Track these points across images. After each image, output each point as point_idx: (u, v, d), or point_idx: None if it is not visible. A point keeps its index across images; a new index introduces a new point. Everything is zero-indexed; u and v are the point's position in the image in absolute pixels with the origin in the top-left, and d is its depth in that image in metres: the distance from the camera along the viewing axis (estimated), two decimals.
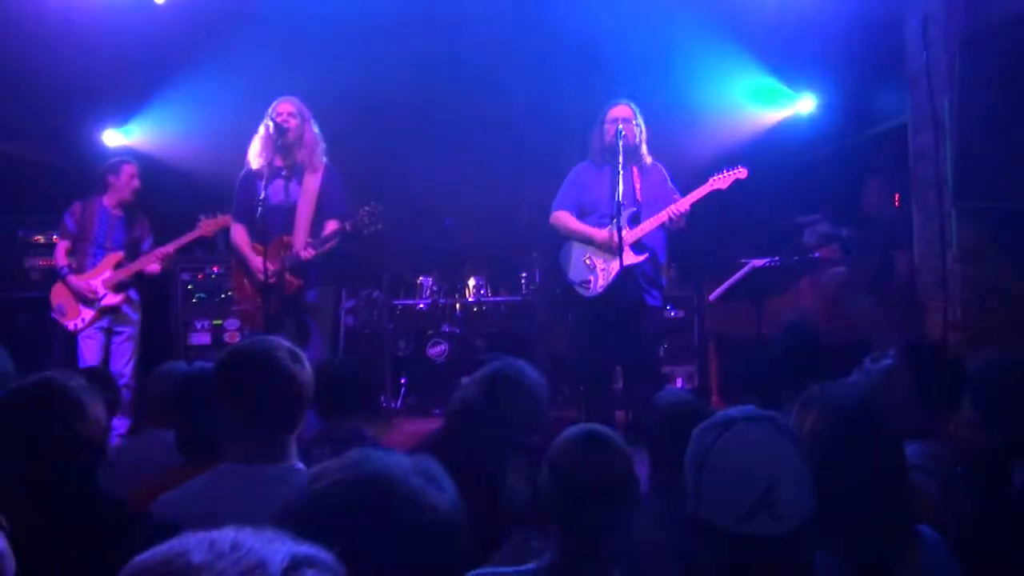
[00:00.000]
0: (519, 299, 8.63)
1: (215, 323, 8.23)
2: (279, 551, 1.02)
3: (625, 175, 5.82)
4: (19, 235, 8.02)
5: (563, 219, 6.15)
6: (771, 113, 8.31)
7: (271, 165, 5.98)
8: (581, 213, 6.12)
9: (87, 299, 6.82)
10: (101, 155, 7.77)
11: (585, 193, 6.13)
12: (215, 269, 8.29)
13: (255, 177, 6.04)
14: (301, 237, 5.96)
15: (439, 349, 8.24)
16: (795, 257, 6.31)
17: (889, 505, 2.20)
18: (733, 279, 5.96)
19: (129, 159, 7.17)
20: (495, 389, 3.12)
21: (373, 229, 5.84)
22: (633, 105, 6.10)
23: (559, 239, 6.28)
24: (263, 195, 5.85)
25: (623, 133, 5.86)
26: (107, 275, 6.87)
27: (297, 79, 7.09)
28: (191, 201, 7.36)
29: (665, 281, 6.43)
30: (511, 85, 8.06)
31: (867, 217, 7.17)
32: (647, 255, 5.93)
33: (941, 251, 5.86)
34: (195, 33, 7.58)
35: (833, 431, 2.23)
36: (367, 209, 5.84)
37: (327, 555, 1.07)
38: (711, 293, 6.42)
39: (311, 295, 6.10)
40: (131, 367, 6.95)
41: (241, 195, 6.17)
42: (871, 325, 6.52)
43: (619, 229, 5.66)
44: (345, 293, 8.67)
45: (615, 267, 5.78)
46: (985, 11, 5.59)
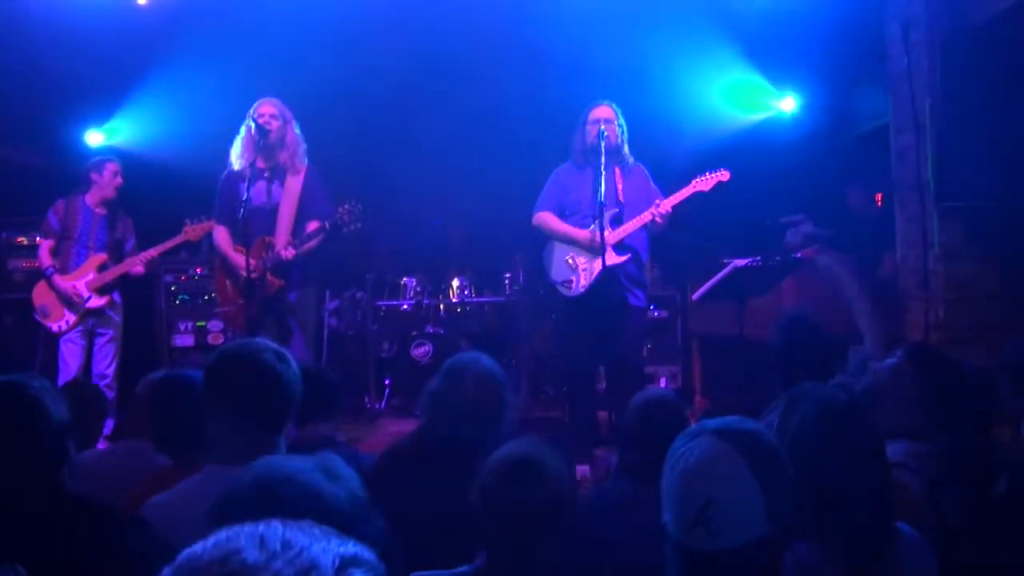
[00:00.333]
0: (503, 299, 8.62)
1: (198, 324, 8.20)
2: (328, 551, 1.03)
3: (607, 176, 5.83)
4: (1, 236, 7.98)
5: (546, 220, 6.15)
6: (754, 113, 8.34)
7: (253, 166, 5.95)
8: (563, 214, 6.12)
9: (72, 301, 6.79)
10: (83, 155, 7.73)
11: (567, 194, 6.14)
12: (198, 271, 8.26)
13: (237, 179, 6.02)
14: (283, 238, 5.94)
15: (423, 350, 8.23)
16: (777, 257, 6.32)
17: (871, 503, 2.21)
18: (715, 279, 5.96)
19: (112, 157, 7.15)
20: (451, 377, 3.24)
21: (353, 228, 5.83)
22: (615, 106, 6.10)
23: (542, 239, 6.28)
24: (245, 197, 5.83)
25: (605, 134, 5.87)
26: (91, 277, 6.84)
27: (280, 80, 7.07)
28: (174, 201, 7.36)
29: (648, 281, 6.45)
30: (495, 86, 8.06)
31: (851, 217, 7.20)
32: (629, 255, 5.94)
33: (923, 252, 5.89)
34: (178, 34, 7.56)
35: (817, 430, 2.24)
36: (347, 208, 5.82)
37: (370, 553, 1.08)
38: (694, 293, 6.43)
39: (292, 296, 6.09)
40: (113, 368, 6.95)
41: (223, 197, 6.16)
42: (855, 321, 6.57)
43: (601, 230, 5.67)
44: (328, 294, 8.65)
45: (597, 267, 5.79)
46: (966, 13, 5.63)
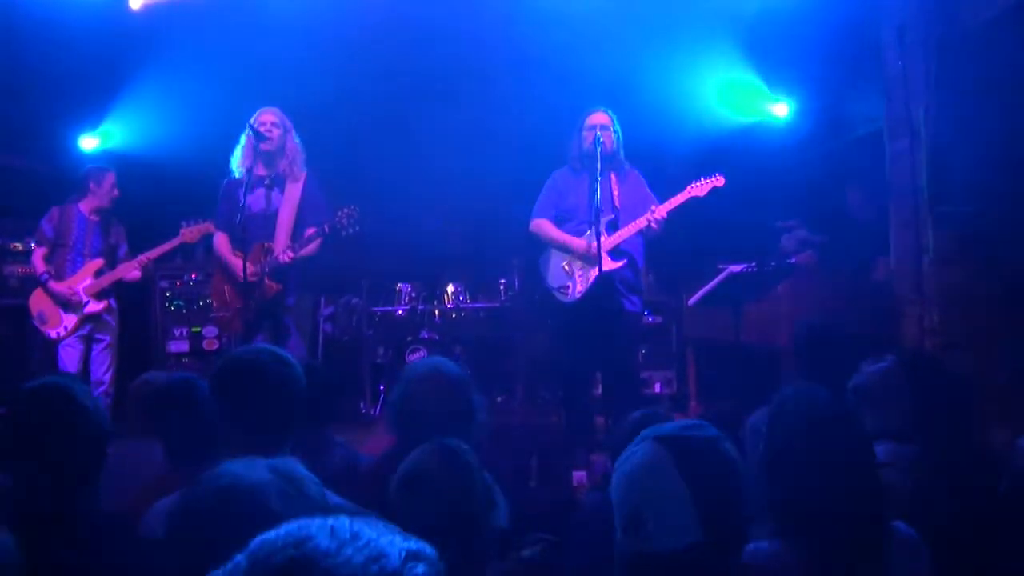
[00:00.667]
0: (498, 305, 8.62)
1: (193, 330, 8.20)
2: (394, 544, 1.06)
3: (603, 182, 5.85)
4: None
5: (543, 227, 6.16)
6: (749, 117, 8.36)
7: (253, 174, 6.01)
8: (559, 219, 6.14)
9: (70, 303, 6.78)
10: (78, 160, 7.74)
11: (563, 199, 6.15)
12: (193, 276, 8.26)
13: (237, 186, 6.07)
14: (282, 243, 5.98)
15: (418, 356, 8.22)
16: (772, 263, 6.33)
17: (860, 503, 2.23)
18: (711, 284, 5.98)
19: (110, 168, 7.13)
20: (409, 389, 3.26)
21: (352, 230, 5.84)
22: (611, 112, 6.13)
23: (538, 245, 6.29)
24: (244, 203, 5.87)
25: (601, 140, 5.89)
26: (88, 282, 6.83)
27: (274, 84, 7.08)
28: (168, 205, 7.34)
29: (644, 286, 6.45)
30: (490, 91, 8.06)
31: (847, 222, 7.21)
32: (625, 261, 5.95)
33: (917, 256, 5.90)
34: (172, 38, 7.56)
35: (807, 432, 2.27)
36: (346, 211, 5.84)
37: (431, 550, 1.10)
38: (690, 298, 6.44)
39: (290, 300, 6.15)
40: (110, 375, 6.95)
41: (223, 203, 6.23)
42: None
43: (598, 235, 5.68)
44: (323, 300, 8.65)
45: (593, 273, 5.80)
46: (961, 17, 5.64)
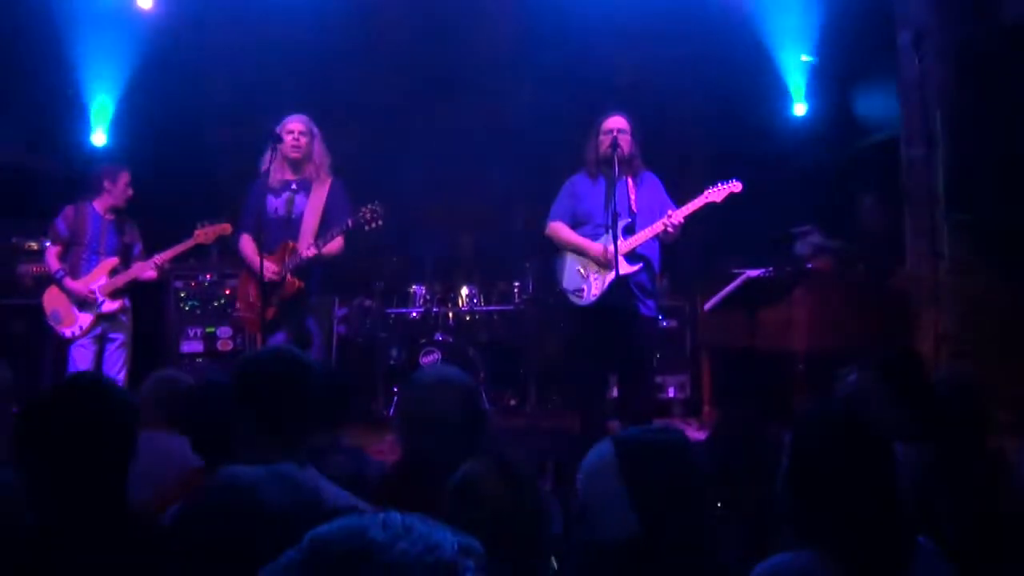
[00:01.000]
0: (511, 308, 8.63)
1: (208, 330, 8.20)
2: (447, 537, 1.07)
3: (620, 186, 5.84)
4: (11, 241, 7.98)
5: (559, 231, 6.15)
6: (766, 122, 8.34)
7: (280, 179, 6.21)
8: (575, 223, 6.13)
9: (87, 301, 6.79)
10: (91, 157, 7.76)
11: (579, 204, 6.14)
12: (208, 277, 8.27)
13: (264, 189, 6.18)
14: (306, 242, 6.09)
15: (432, 358, 8.22)
16: (788, 268, 6.33)
17: (885, 519, 2.21)
18: (727, 289, 5.97)
19: (125, 166, 7.14)
20: (417, 397, 3.17)
21: (375, 225, 5.91)
22: (628, 116, 6.12)
23: (552, 248, 6.29)
24: (271, 207, 6.12)
25: (618, 144, 5.88)
26: (103, 281, 6.84)
27: (288, 84, 7.11)
28: (181, 207, 7.35)
29: (659, 291, 6.44)
30: (505, 94, 8.08)
31: (862, 229, 7.20)
32: (641, 265, 5.94)
33: (933, 263, 5.89)
34: (186, 36, 7.59)
35: (831, 446, 2.26)
36: (369, 207, 5.92)
37: (479, 545, 1.11)
38: (705, 303, 6.43)
39: (313, 299, 6.27)
40: (123, 375, 6.93)
41: (249, 206, 6.30)
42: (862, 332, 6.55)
43: (614, 240, 5.67)
44: (337, 301, 8.67)
45: (609, 277, 5.79)
46: (979, 23, 5.63)
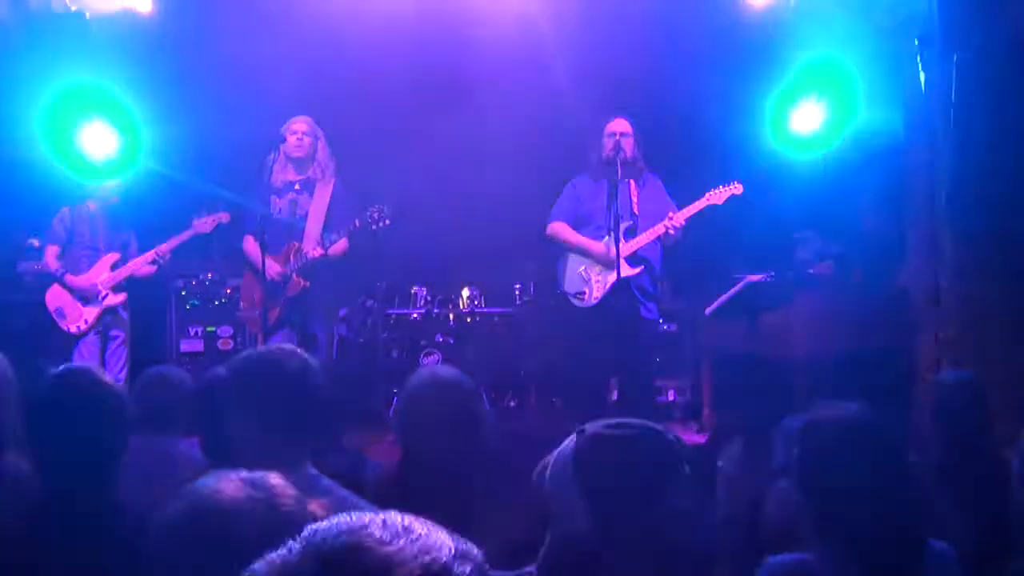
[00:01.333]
0: (512, 310, 8.62)
1: (208, 329, 8.17)
2: (442, 541, 1.08)
3: (622, 188, 5.85)
4: (13, 237, 7.98)
5: (560, 231, 6.17)
6: (768, 125, 8.31)
7: (284, 179, 6.26)
8: (577, 225, 6.14)
9: (89, 296, 6.80)
10: (90, 157, 7.75)
11: (581, 205, 6.16)
12: (209, 275, 8.26)
13: (269, 190, 6.21)
14: (311, 242, 6.12)
15: (432, 359, 8.23)
16: (790, 273, 6.33)
17: (897, 520, 2.21)
18: (729, 293, 5.98)
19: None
20: (413, 392, 3.20)
21: (382, 224, 5.92)
22: (631, 119, 6.13)
23: (553, 250, 6.29)
24: (275, 208, 6.16)
25: (621, 147, 5.89)
26: (105, 276, 6.85)
27: (288, 84, 7.10)
28: (180, 207, 7.35)
29: (660, 294, 6.45)
30: (508, 97, 8.06)
31: (864, 234, 7.18)
32: (643, 267, 5.95)
33: (934, 270, 5.88)
34: (186, 34, 7.58)
35: (842, 447, 2.26)
36: (376, 208, 5.93)
37: (477, 551, 1.11)
38: (705, 307, 6.43)
39: (317, 301, 6.29)
40: (125, 373, 6.92)
41: (253, 207, 6.31)
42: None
43: (616, 242, 5.68)
44: (338, 302, 8.66)
45: (611, 279, 5.80)
46: (984, 30, 5.62)
